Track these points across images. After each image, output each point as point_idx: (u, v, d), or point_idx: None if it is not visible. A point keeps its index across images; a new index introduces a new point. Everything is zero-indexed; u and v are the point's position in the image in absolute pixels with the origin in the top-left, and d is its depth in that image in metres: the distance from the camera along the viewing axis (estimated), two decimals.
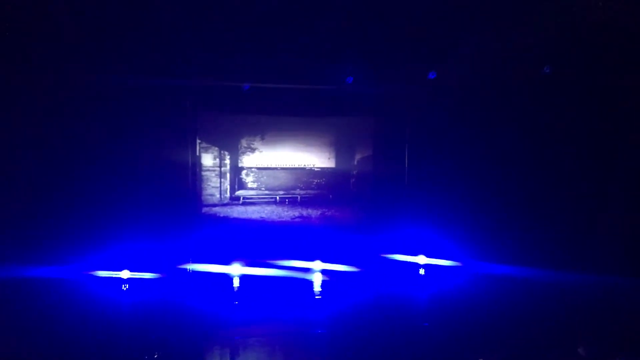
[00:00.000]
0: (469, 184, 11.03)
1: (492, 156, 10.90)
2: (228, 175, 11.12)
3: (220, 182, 11.07)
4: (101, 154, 9.76)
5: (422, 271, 11.08)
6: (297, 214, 11.43)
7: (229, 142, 11.08)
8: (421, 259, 11.17)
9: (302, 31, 8.55)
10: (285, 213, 11.37)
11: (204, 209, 10.97)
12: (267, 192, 11.28)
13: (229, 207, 11.10)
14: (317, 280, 10.44)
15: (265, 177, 11.27)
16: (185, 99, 10.40)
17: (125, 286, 9.47)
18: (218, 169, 11.05)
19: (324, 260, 10.93)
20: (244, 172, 11.18)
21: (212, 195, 11.02)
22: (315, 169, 11.47)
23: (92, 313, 8.33)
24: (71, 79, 9.00)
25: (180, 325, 8.15)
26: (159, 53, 8.68)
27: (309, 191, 11.48)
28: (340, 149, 11.60)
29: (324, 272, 10.77)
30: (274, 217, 11.32)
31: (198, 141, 10.85)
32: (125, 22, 8.08)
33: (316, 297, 9.58)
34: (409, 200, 11.46)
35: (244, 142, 11.13)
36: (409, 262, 11.17)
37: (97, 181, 9.68)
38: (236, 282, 10.16)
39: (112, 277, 9.52)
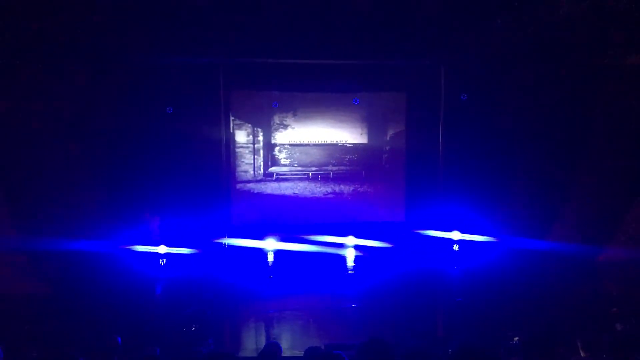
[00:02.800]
0: (505, 159, 10.79)
1: (529, 132, 10.62)
2: (261, 151, 11.19)
3: (254, 159, 11.16)
4: (138, 133, 9.96)
5: (456, 247, 10.98)
6: (329, 190, 11.44)
7: (261, 118, 11.13)
8: (455, 235, 11.05)
9: (334, 5, 8.42)
10: (318, 189, 11.40)
11: (238, 185, 11.10)
12: (299, 168, 11.31)
13: (262, 183, 11.20)
14: (350, 255, 10.49)
15: (297, 154, 11.29)
16: (219, 76, 10.45)
17: (162, 261, 9.72)
18: (251, 145, 11.13)
19: (356, 236, 10.95)
20: (276, 148, 11.22)
21: (245, 171, 11.13)
22: (348, 145, 11.42)
23: (131, 286, 8.59)
24: (106, 59, 9.14)
25: (216, 299, 8.34)
26: (193, 32, 8.71)
27: (341, 167, 11.45)
28: (372, 125, 11.47)
29: (356, 247, 10.80)
30: (307, 193, 11.36)
31: (232, 118, 10.92)
32: (158, 2, 8.12)
33: (349, 272, 9.64)
34: (443, 175, 11.30)
35: (276, 119, 11.15)
36: (443, 238, 11.08)
37: (134, 158, 9.90)
38: (270, 257, 10.30)
39: (150, 252, 9.77)
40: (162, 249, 9.82)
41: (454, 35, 9.05)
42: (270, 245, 10.56)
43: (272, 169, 11.23)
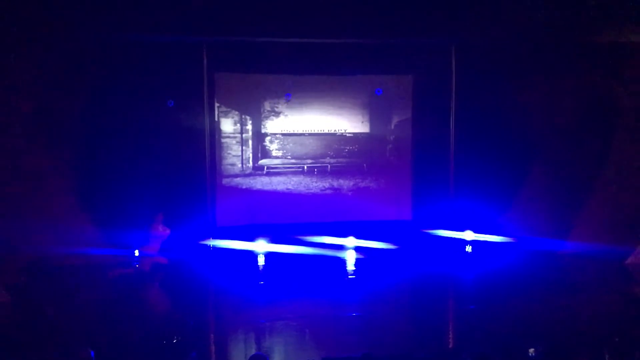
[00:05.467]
0: (522, 150, 10.79)
1: (549, 119, 10.62)
2: (250, 142, 11.16)
3: (242, 150, 11.13)
4: (108, 120, 9.90)
5: (469, 248, 11.00)
6: (327, 185, 11.44)
7: (250, 105, 11.09)
8: (468, 235, 11.07)
9: None
10: (314, 184, 11.39)
11: (224, 180, 11.07)
12: (293, 161, 11.30)
13: (251, 177, 11.18)
14: (350, 258, 10.49)
15: (291, 144, 11.27)
16: (202, 57, 10.40)
17: (137, 265, 9.68)
18: (239, 135, 11.10)
19: (357, 237, 10.95)
20: (267, 138, 11.20)
21: (233, 164, 11.10)
22: (347, 135, 11.40)
23: (105, 294, 8.58)
24: (74, 37, 9.07)
25: (201, 307, 8.34)
26: (172, 7, 8.66)
27: (340, 160, 11.44)
28: (375, 111, 11.46)
29: (357, 249, 10.80)
30: (302, 188, 11.35)
31: (217, 105, 10.88)
32: None
33: (349, 276, 9.64)
34: (453, 168, 11.31)
35: (267, 105, 11.12)
36: (454, 239, 11.10)
37: (104, 149, 9.87)
38: (261, 260, 10.29)
39: (122, 256, 9.74)
40: (138, 252, 9.78)
41: (466, 12, 9.02)
42: (261, 247, 10.55)
43: (263, 162, 11.21)
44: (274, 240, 10.64)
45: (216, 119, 10.90)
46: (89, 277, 9.22)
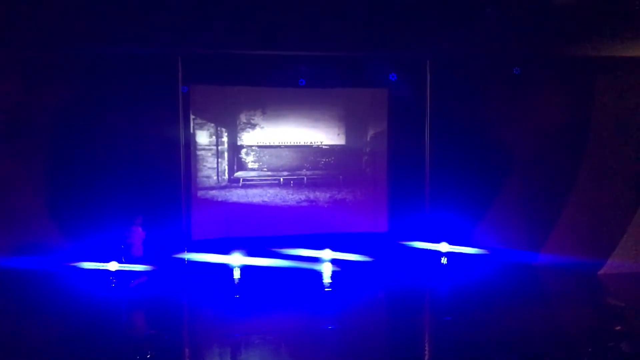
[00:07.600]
0: (498, 162, 10.91)
1: (524, 131, 10.75)
2: (226, 154, 11.11)
3: (218, 163, 11.07)
4: (83, 133, 9.79)
5: (444, 260, 11.05)
6: (303, 197, 11.42)
7: (226, 117, 11.05)
8: (443, 247, 11.13)
9: None
10: (290, 196, 11.37)
11: (200, 193, 10.98)
12: (269, 173, 11.26)
13: (227, 190, 11.11)
14: (326, 270, 10.46)
15: (267, 157, 11.25)
16: (177, 69, 10.34)
17: (112, 279, 9.54)
18: (215, 147, 11.04)
19: (334, 249, 10.93)
20: (243, 150, 11.16)
21: (208, 177, 11.03)
22: (323, 147, 11.42)
23: (76, 308, 8.42)
24: (50, 48, 8.95)
25: (175, 322, 8.23)
26: (146, 19, 8.60)
27: (316, 172, 11.44)
28: (351, 124, 11.51)
29: (334, 261, 10.78)
30: (278, 200, 11.32)
31: (192, 117, 10.82)
32: None
33: (325, 289, 9.62)
34: (429, 180, 11.38)
35: (242, 118, 11.09)
36: (430, 250, 11.14)
37: (77, 161, 9.74)
38: (237, 274, 10.20)
39: (98, 269, 9.58)
40: (112, 266, 9.63)
41: (440, 27, 9.12)
42: (236, 260, 10.45)
43: (238, 174, 11.16)
44: (250, 253, 10.55)
45: (191, 131, 10.82)
46: (56, 290, 9.06)
